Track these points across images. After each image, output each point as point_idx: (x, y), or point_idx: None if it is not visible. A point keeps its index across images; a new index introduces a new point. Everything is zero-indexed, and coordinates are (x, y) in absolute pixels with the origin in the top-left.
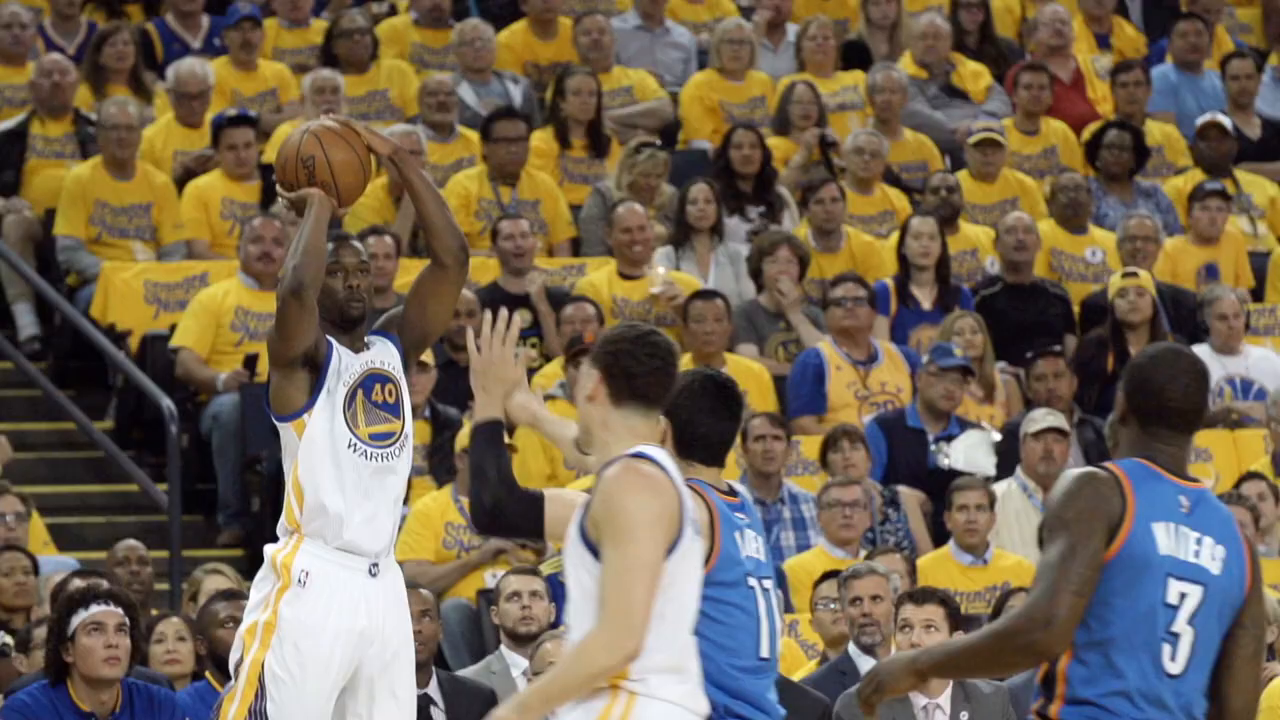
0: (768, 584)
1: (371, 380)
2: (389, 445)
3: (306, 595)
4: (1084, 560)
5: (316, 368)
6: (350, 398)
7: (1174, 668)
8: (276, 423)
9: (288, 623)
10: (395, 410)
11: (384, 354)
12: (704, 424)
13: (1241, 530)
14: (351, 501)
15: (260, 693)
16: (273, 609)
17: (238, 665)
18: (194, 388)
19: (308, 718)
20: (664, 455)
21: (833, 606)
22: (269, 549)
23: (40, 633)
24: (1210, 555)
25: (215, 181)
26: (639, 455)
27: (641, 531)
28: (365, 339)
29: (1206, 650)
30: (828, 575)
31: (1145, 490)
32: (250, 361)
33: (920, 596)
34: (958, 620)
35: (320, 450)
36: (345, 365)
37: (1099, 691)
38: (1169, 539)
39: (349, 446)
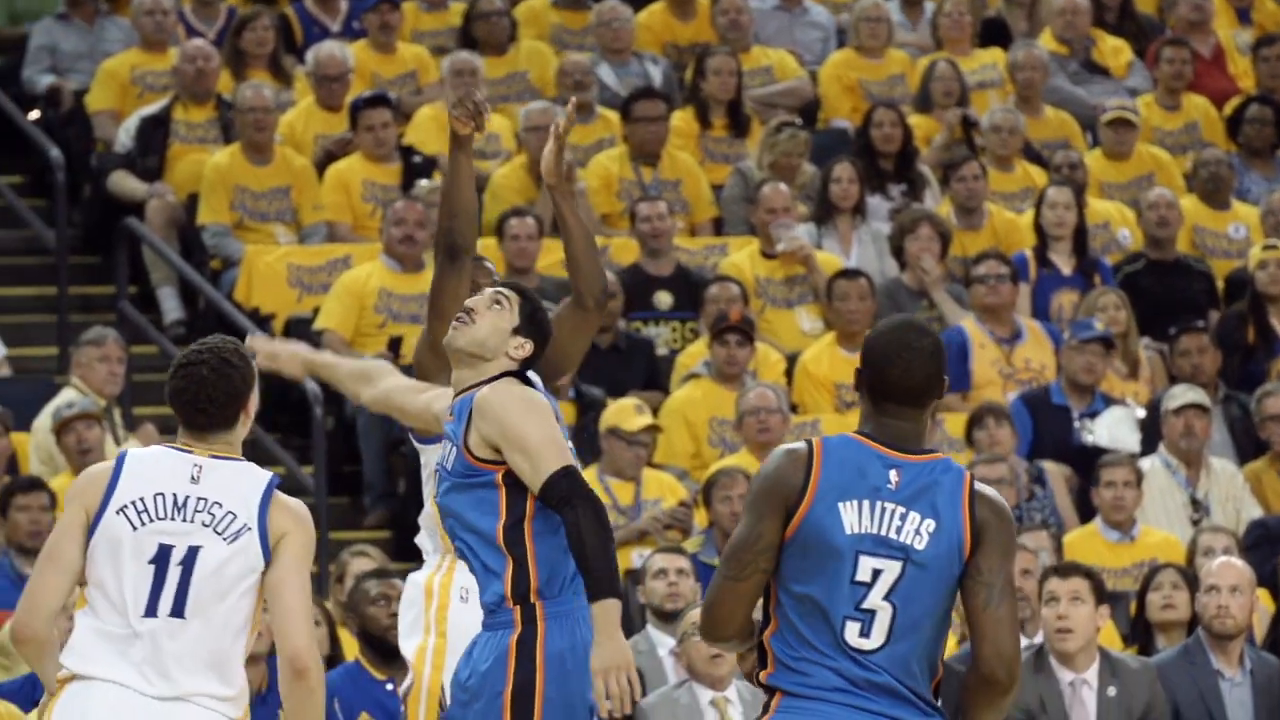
0: None
1: None
2: None
3: (470, 611)
4: (750, 545)
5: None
6: None
7: (868, 643)
8: (418, 445)
9: (458, 640)
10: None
11: None
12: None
13: (969, 496)
14: None
15: (443, 712)
16: (437, 630)
17: (408, 693)
18: None
19: None
20: (137, 453)
21: None
22: (416, 576)
23: None
24: (915, 530)
25: (355, 164)
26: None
27: (60, 522)
28: None
29: (915, 622)
30: None
31: (839, 467)
32: (394, 344)
33: (1065, 570)
34: (1102, 594)
35: None
36: None
37: (795, 658)
38: (859, 516)
39: None
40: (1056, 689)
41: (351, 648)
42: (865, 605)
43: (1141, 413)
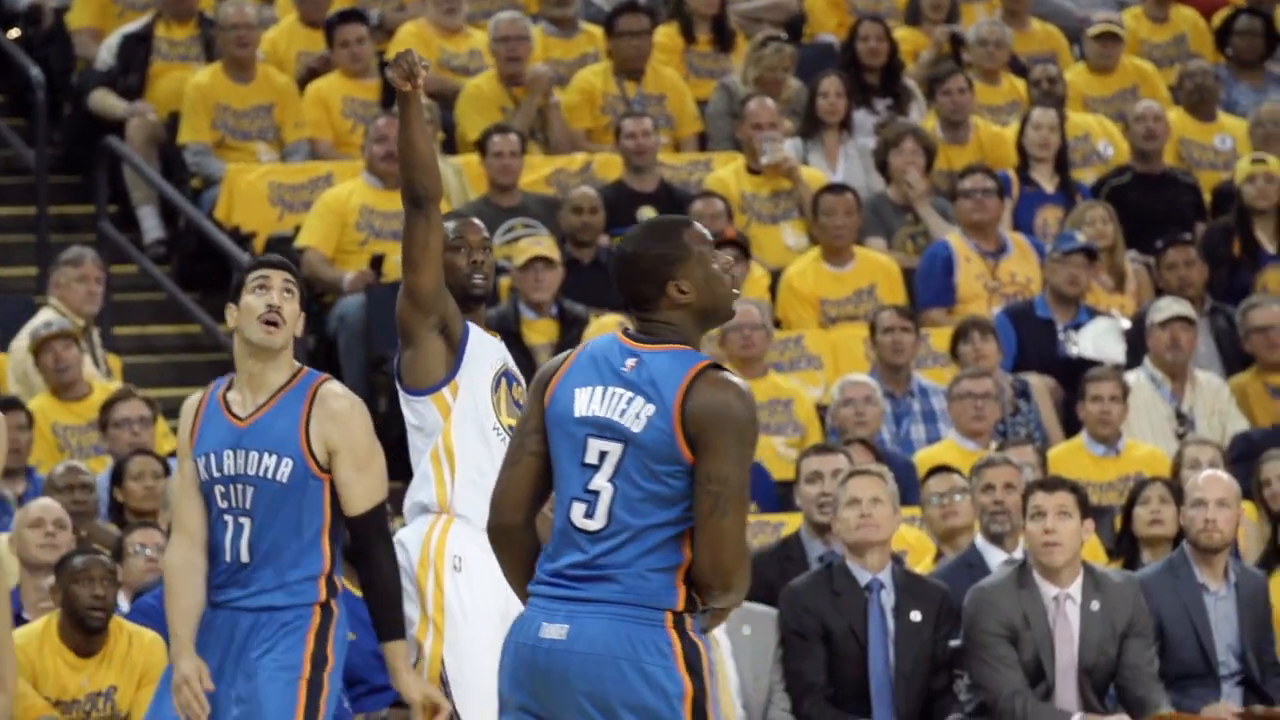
0: None
1: (511, 377)
2: None
3: (466, 581)
4: (519, 430)
5: (453, 342)
6: (496, 385)
7: (591, 524)
8: (410, 398)
9: (456, 612)
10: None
11: (509, 357)
12: None
13: (688, 384)
14: None
15: (446, 689)
16: (435, 604)
17: (415, 663)
18: (320, 288)
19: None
20: None
21: (942, 501)
22: (407, 533)
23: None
24: (635, 414)
25: (334, 81)
26: None
27: None
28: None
29: (636, 504)
30: (935, 471)
31: (588, 357)
32: (376, 261)
33: (1051, 485)
34: (1087, 508)
35: (473, 427)
36: (485, 349)
37: (545, 551)
38: (589, 400)
39: (494, 429)
40: (1040, 604)
41: None
42: (591, 487)
43: (1126, 324)
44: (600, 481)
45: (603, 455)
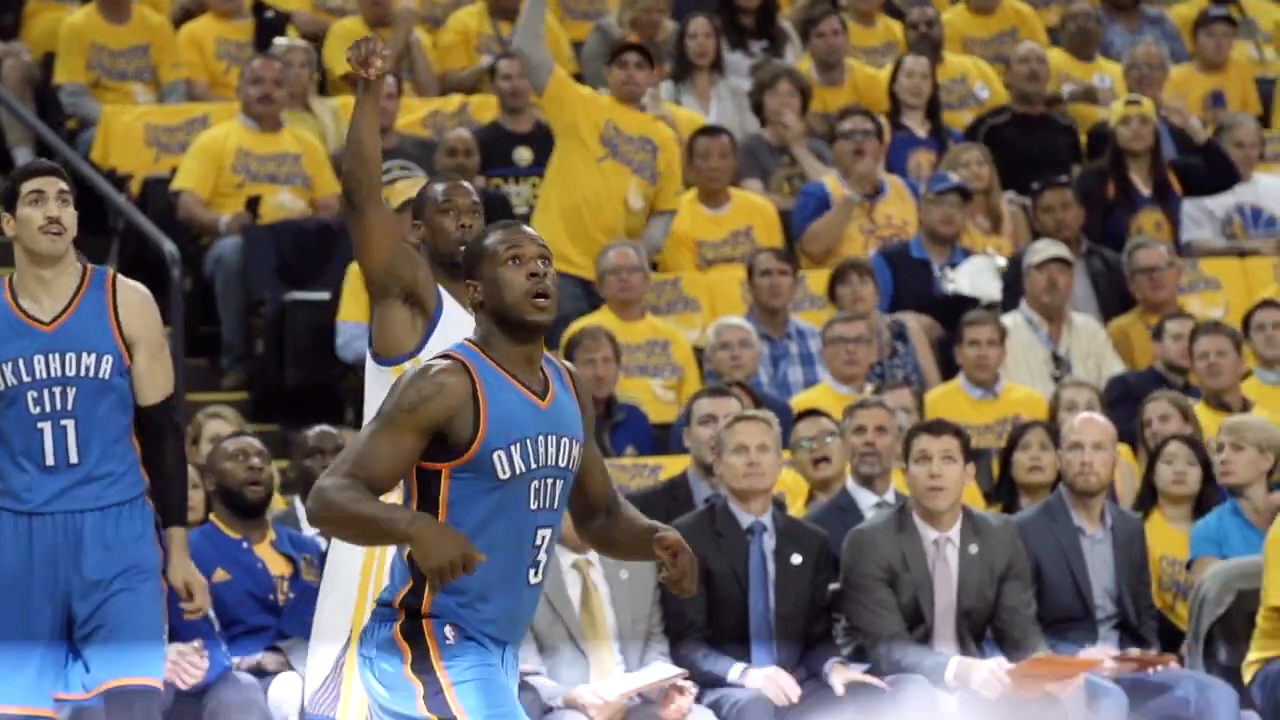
0: None
1: None
2: None
3: None
4: None
5: (426, 310)
6: None
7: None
8: (378, 367)
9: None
10: None
11: None
12: None
13: None
14: None
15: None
16: (375, 581)
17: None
18: (196, 231)
19: None
20: None
21: (812, 446)
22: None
23: None
24: None
25: (207, 23)
26: None
27: None
28: None
29: None
30: (804, 415)
31: None
32: (252, 203)
33: (936, 429)
34: (969, 453)
35: None
36: (458, 330)
37: None
38: None
39: None
40: (919, 547)
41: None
42: None
43: (1002, 261)
44: None
45: None
